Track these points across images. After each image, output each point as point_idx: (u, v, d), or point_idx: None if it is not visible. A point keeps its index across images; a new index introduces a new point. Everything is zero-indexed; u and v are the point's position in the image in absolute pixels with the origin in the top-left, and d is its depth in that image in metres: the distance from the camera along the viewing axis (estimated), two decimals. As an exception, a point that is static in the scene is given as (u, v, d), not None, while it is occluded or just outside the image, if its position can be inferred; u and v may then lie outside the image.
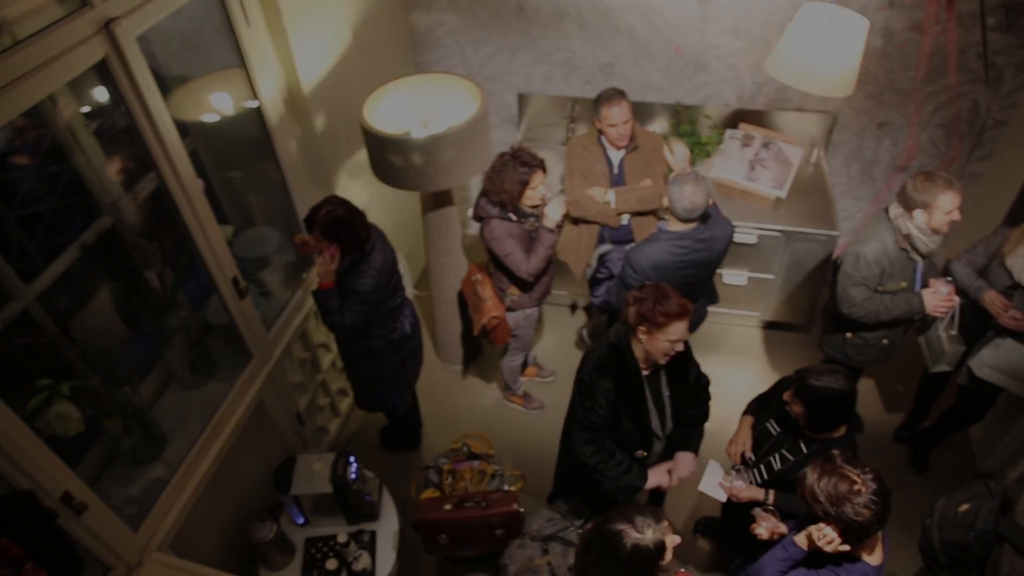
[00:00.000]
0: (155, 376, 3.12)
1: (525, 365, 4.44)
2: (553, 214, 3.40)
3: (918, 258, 3.20)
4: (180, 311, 3.10)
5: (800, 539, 2.37)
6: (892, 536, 3.69)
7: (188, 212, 2.75)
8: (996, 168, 4.41)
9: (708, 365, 4.53)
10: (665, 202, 3.19)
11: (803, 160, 4.53)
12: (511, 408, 4.44)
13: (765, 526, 2.66)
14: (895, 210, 3.17)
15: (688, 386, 2.91)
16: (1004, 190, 4.23)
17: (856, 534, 2.19)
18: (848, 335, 3.47)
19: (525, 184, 3.31)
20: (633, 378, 2.73)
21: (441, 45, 4.66)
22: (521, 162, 3.28)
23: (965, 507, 2.63)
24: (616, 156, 3.79)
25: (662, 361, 2.66)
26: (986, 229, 3.61)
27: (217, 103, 3.27)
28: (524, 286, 3.64)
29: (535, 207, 3.44)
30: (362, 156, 3.88)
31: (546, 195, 3.44)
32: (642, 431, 2.83)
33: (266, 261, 3.59)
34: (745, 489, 2.86)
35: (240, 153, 3.52)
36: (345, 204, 3.07)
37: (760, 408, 3.03)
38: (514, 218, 3.44)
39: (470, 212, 3.58)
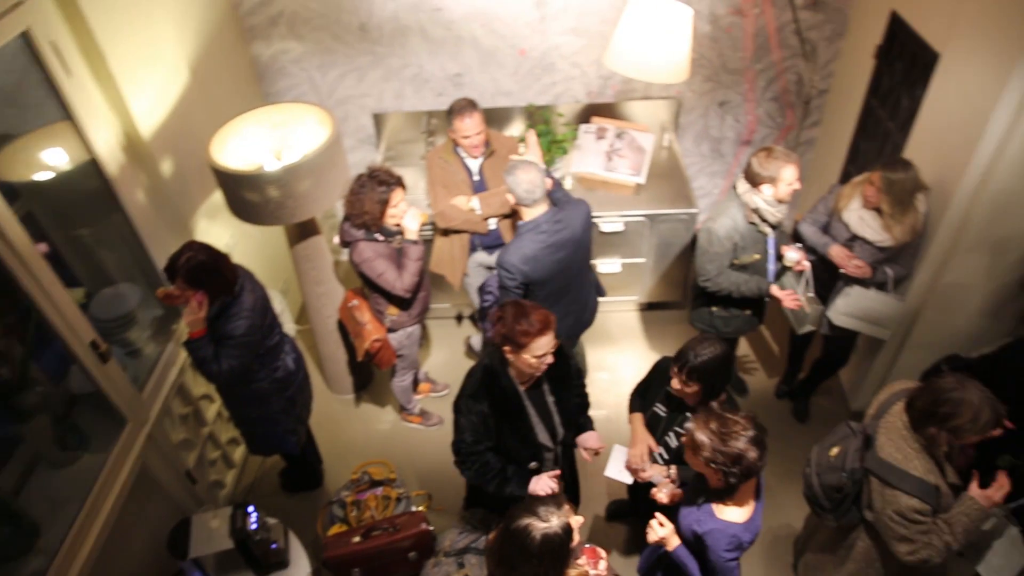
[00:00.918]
0: (17, 461, 2.88)
1: (417, 383, 4.42)
2: (411, 224, 3.41)
3: (768, 230, 3.42)
4: (36, 387, 2.88)
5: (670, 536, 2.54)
6: (783, 486, 3.93)
7: (28, 280, 2.56)
8: (826, 132, 4.78)
9: (597, 354, 4.71)
10: (510, 199, 3.26)
11: (656, 145, 4.74)
12: (410, 428, 4.40)
13: (665, 491, 2.76)
14: (742, 186, 3.37)
15: (573, 391, 2.96)
16: (835, 151, 4.59)
17: (744, 472, 2.27)
18: (714, 308, 3.67)
19: (386, 203, 3.30)
20: (511, 398, 2.74)
21: (287, 74, 4.57)
22: (379, 182, 3.27)
23: (835, 450, 2.81)
24: (475, 164, 3.84)
25: (537, 374, 2.69)
26: (826, 189, 3.90)
27: (49, 160, 3.07)
28: (402, 305, 3.62)
29: (400, 224, 3.43)
30: (219, 196, 3.74)
31: (408, 210, 3.44)
32: (529, 446, 2.85)
33: (129, 319, 3.39)
34: (649, 468, 2.95)
35: (83, 210, 3.31)
36: (206, 248, 2.97)
37: (643, 398, 3.12)
38: (381, 238, 3.42)
39: (336, 239, 3.53)
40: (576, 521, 2.18)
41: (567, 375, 2.88)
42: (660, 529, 2.56)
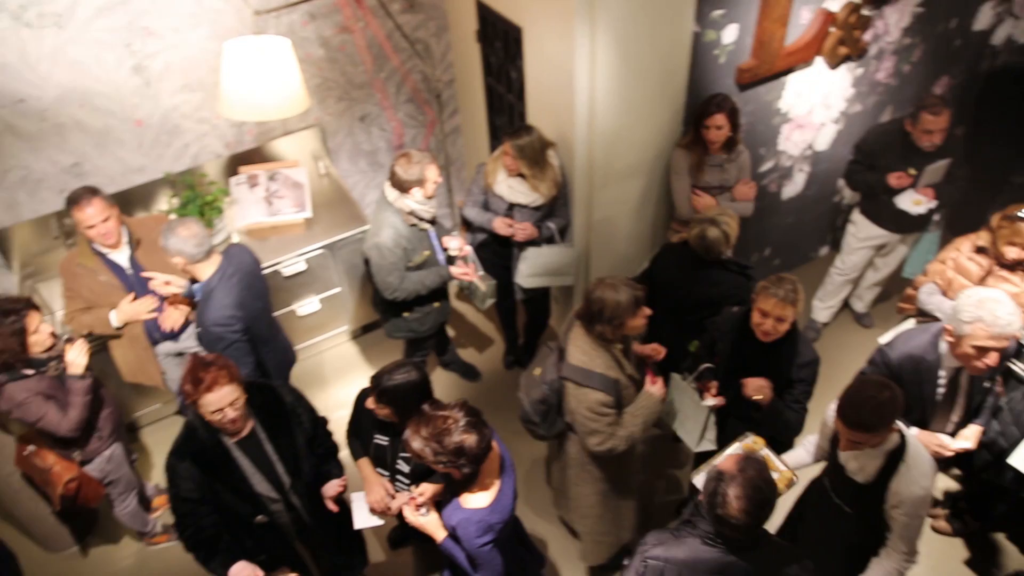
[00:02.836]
0: None
1: (149, 500, 3.98)
2: (79, 359, 3.10)
3: (427, 226, 3.57)
4: None
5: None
6: (528, 444, 4.15)
7: None
8: (466, 118, 5.09)
9: (329, 394, 4.61)
10: (179, 262, 3.10)
11: (312, 176, 4.68)
12: (159, 549, 3.95)
13: (424, 510, 2.70)
14: (392, 194, 3.47)
15: (299, 437, 2.85)
16: (478, 133, 4.92)
17: (471, 460, 2.35)
18: (405, 314, 3.76)
19: (23, 332, 2.89)
20: (212, 450, 2.63)
21: None
22: (3, 313, 2.85)
23: (538, 370, 3.11)
24: (122, 257, 3.45)
25: (228, 428, 2.60)
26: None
27: None
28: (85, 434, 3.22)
29: (50, 348, 3.03)
30: None
31: (54, 330, 3.05)
32: (247, 498, 2.73)
33: None
34: (396, 501, 2.92)
35: None
36: None
37: (359, 437, 3.10)
38: (30, 372, 2.99)
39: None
40: None
41: (283, 422, 2.79)
42: (417, 514, 2.62)
